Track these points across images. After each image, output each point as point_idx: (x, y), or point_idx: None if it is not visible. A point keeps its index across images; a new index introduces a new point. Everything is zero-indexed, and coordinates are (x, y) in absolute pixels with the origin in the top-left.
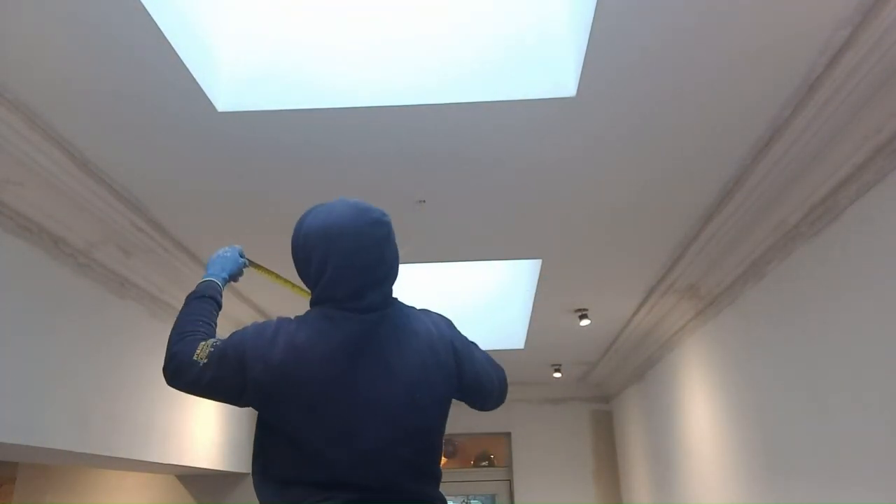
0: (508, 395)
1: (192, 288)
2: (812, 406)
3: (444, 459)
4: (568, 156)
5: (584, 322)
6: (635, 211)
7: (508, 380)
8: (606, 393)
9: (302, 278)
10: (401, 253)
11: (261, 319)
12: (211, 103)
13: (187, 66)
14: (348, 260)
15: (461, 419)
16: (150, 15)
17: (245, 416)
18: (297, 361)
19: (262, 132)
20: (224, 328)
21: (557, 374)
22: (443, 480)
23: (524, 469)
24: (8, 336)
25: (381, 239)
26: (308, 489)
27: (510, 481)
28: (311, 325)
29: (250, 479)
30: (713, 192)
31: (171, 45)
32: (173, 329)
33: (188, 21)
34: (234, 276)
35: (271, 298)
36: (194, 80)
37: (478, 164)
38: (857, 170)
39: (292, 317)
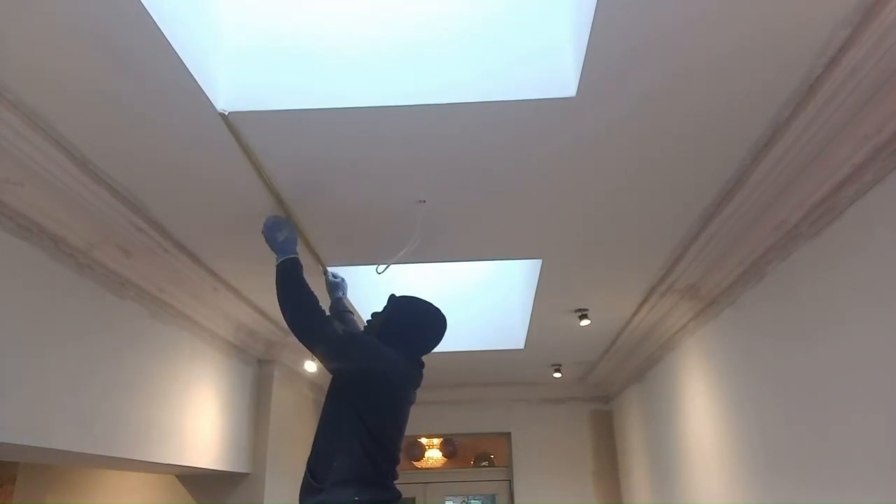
0: (508, 395)
1: (191, 288)
2: (812, 406)
3: (443, 459)
4: (568, 156)
5: (584, 322)
6: (635, 211)
7: (508, 380)
8: (606, 393)
9: (392, 328)
10: (401, 253)
11: (261, 320)
12: (211, 103)
13: (187, 66)
14: (436, 344)
15: (462, 420)
16: (150, 15)
17: (245, 416)
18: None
19: (262, 132)
20: (224, 328)
21: (557, 374)
22: (443, 481)
23: (524, 469)
24: (7, 336)
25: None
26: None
27: (510, 481)
28: (402, 361)
29: (250, 479)
30: (713, 192)
31: (170, 45)
32: (312, 310)
33: (188, 21)
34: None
35: (271, 299)
36: (194, 80)
37: (478, 164)
38: (857, 170)
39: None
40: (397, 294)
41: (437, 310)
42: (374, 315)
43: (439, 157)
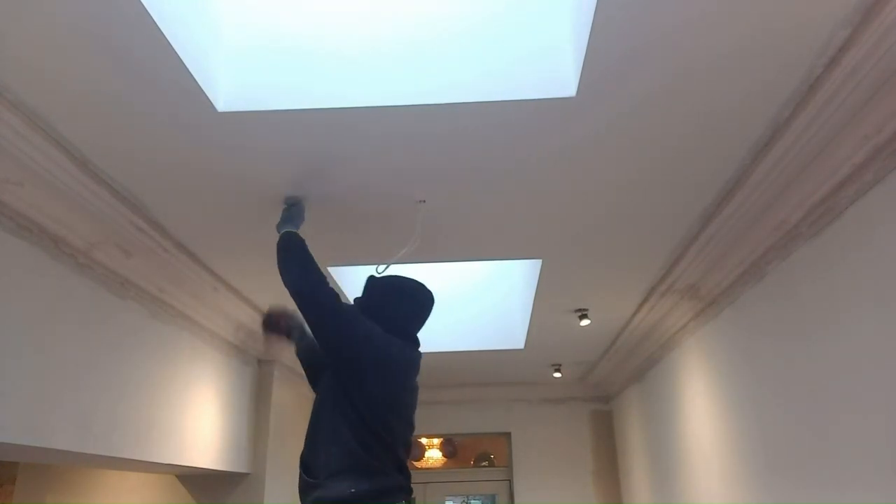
0: (508, 395)
1: (191, 288)
2: (812, 406)
3: (443, 459)
4: (568, 156)
5: (584, 322)
6: (635, 211)
7: (508, 380)
8: (606, 393)
9: (374, 308)
10: (401, 253)
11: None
12: (211, 103)
13: (187, 66)
14: (425, 317)
15: (462, 420)
16: (150, 15)
17: (245, 416)
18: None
19: (263, 132)
20: (224, 328)
21: (557, 374)
22: (443, 481)
23: (524, 469)
24: (7, 336)
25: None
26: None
27: (510, 481)
28: (397, 344)
29: (250, 479)
30: (713, 192)
31: (170, 45)
32: (316, 277)
33: (188, 21)
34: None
35: (272, 299)
36: (194, 80)
37: (478, 164)
38: (857, 170)
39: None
40: (376, 276)
41: (420, 283)
42: (356, 301)
43: (439, 157)
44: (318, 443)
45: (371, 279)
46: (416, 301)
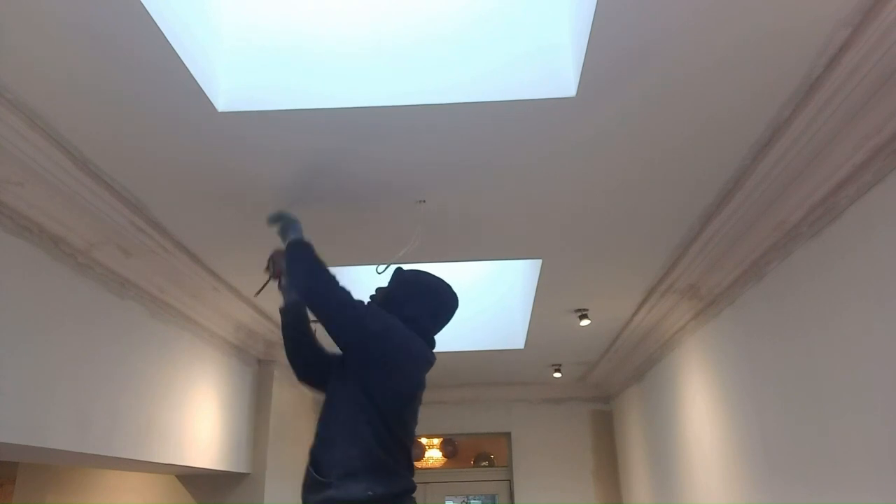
0: (508, 395)
1: (191, 288)
2: (811, 406)
3: (443, 459)
4: (568, 156)
5: (584, 322)
6: (635, 211)
7: (508, 380)
8: (606, 393)
9: (396, 302)
10: (401, 253)
11: (261, 320)
12: (211, 103)
13: (187, 66)
14: (446, 320)
15: (462, 420)
16: (150, 15)
17: (245, 416)
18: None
19: (263, 132)
20: (224, 328)
21: (557, 374)
22: (443, 481)
23: (524, 469)
24: (7, 336)
25: None
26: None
27: (510, 481)
28: (419, 341)
29: (250, 479)
30: (713, 192)
31: (171, 45)
32: (326, 276)
33: (188, 21)
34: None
35: (271, 298)
36: (194, 80)
37: (478, 164)
38: (857, 170)
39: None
40: (403, 269)
41: (447, 285)
42: (379, 290)
43: (439, 157)
44: (334, 440)
45: (398, 272)
46: (442, 304)
